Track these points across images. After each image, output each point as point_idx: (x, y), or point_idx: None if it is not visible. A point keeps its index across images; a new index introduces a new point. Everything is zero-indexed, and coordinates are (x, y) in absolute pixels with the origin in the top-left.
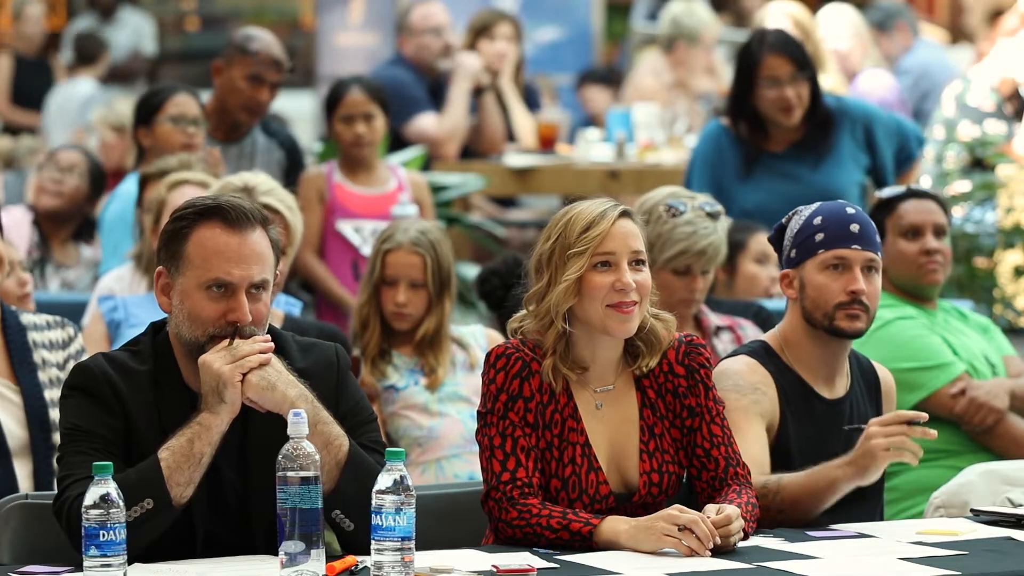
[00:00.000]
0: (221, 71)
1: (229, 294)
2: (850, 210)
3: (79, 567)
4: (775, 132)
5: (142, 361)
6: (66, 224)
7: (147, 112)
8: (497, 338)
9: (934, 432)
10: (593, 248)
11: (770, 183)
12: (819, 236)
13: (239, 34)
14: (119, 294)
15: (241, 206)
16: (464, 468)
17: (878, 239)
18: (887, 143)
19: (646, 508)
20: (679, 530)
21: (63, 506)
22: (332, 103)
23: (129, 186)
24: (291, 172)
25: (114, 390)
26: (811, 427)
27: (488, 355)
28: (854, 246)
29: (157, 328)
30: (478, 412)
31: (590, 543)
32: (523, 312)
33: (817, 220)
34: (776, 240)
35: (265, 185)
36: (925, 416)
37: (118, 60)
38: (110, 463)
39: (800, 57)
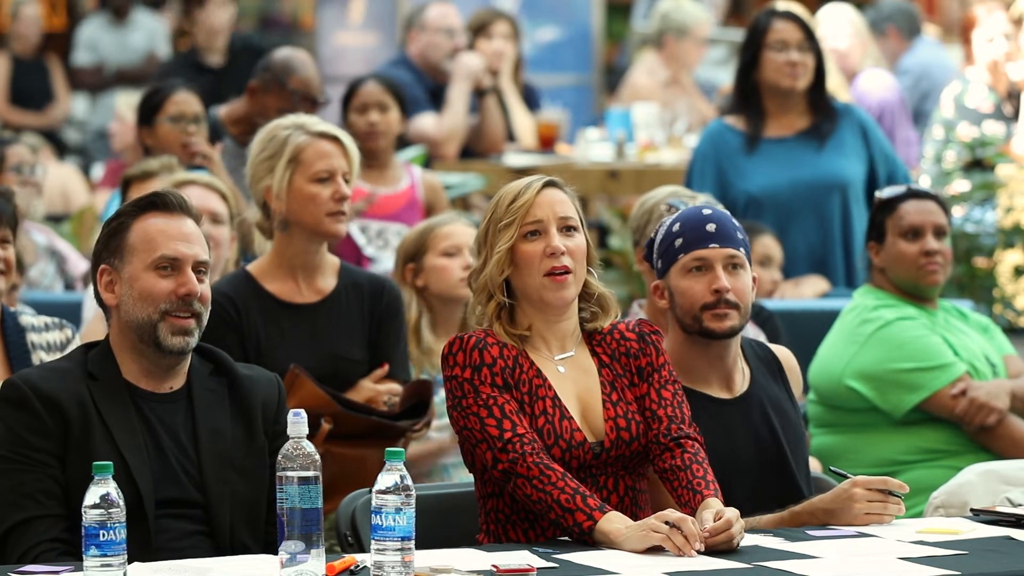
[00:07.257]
0: (256, 94)
1: (177, 271)
2: (707, 211)
3: (79, 567)
4: (779, 116)
5: (70, 359)
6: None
7: (148, 112)
8: None
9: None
10: (520, 218)
11: (775, 168)
12: (678, 241)
13: (280, 61)
14: None
15: (177, 194)
16: (470, 475)
17: (741, 236)
18: (880, 158)
19: (621, 461)
20: (669, 527)
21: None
22: (348, 96)
23: None
24: None
25: (43, 399)
26: (718, 433)
27: (442, 353)
28: (712, 245)
29: (88, 346)
30: (447, 410)
31: (587, 536)
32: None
33: (676, 227)
34: (648, 254)
35: (318, 124)
36: (906, 489)
37: (132, 63)
38: (110, 463)
39: (809, 29)
